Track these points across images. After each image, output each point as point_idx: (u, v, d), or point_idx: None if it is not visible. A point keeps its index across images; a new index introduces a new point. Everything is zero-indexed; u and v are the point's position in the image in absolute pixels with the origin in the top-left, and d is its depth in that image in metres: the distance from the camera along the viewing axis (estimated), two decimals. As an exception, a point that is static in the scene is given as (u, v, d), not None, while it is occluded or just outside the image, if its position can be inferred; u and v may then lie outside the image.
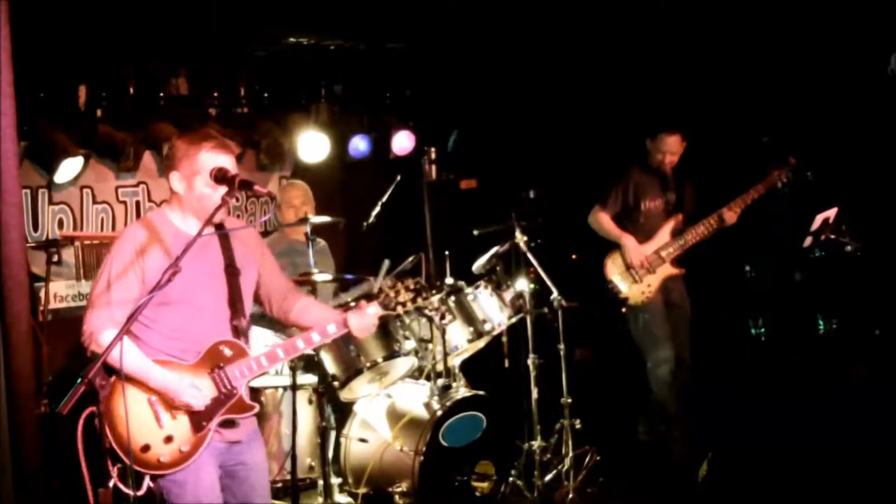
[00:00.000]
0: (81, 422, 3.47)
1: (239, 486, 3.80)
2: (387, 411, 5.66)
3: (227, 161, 3.68)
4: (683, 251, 6.37)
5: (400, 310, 4.01)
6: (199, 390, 3.61)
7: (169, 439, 3.57)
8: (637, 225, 6.40)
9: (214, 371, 3.68)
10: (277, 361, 3.92)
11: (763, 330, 7.75)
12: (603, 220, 6.44)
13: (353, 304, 4.32)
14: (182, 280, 3.46)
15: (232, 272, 3.75)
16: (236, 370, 3.71)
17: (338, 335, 3.99)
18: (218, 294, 3.73)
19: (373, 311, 3.97)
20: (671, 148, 6.33)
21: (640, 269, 6.30)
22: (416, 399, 5.62)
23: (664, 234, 6.38)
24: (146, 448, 3.53)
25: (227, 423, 3.71)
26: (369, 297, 4.05)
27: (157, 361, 3.59)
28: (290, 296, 4.07)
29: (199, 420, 3.62)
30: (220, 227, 3.75)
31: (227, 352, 3.72)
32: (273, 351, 3.85)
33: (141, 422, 3.53)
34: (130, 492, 3.44)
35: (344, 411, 5.82)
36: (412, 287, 4.01)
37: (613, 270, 6.38)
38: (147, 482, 3.53)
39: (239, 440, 3.77)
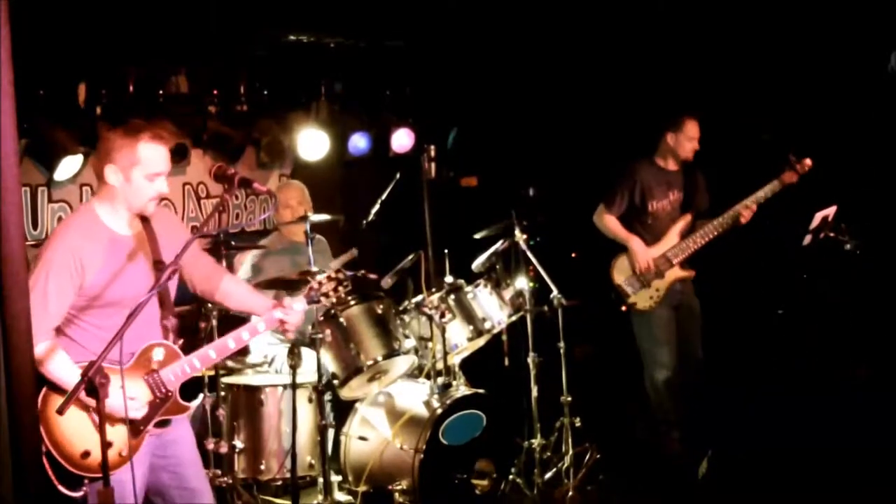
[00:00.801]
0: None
1: (173, 466, 3.89)
2: (387, 409, 5.67)
3: (163, 152, 3.71)
4: (693, 252, 6.22)
5: (325, 301, 4.12)
6: (135, 401, 3.65)
7: (108, 445, 3.55)
8: (645, 226, 6.25)
9: (148, 376, 3.71)
10: (210, 362, 3.95)
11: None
12: (609, 222, 6.28)
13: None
14: (114, 280, 3.59)
15: (160, 268, 3.73)
16: (170, 374, 3.75)
17: (267, 331, 4.08)
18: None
19: (299, 305, 4.04)
20: (698, 132, 6.18)
21: (647, 274, 6.17)
22: (416, 397, 5.63)
23: (672, 235, 6.22)
24: (86, 454, 3.58)
25: (161, 423, 3.79)
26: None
27: None
28: (213, 276, 4.11)
29: (136, 425, 3.68)
30: (145, 220, 3.78)
31: (160, 355, 3.75)
32: (205, 352, 3.88)
33: (80, 429, 3.58)
34: (70, 493, 3.56)
35: (344, 410, 5.83)
36: (333, 276, 4.10)
37: (620, 275, 6.23)
38: (84, 484, 3.60)
39: (164, 431, 3.84)
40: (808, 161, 6.11)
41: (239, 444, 5.53)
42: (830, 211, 6.41)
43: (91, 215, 3.72)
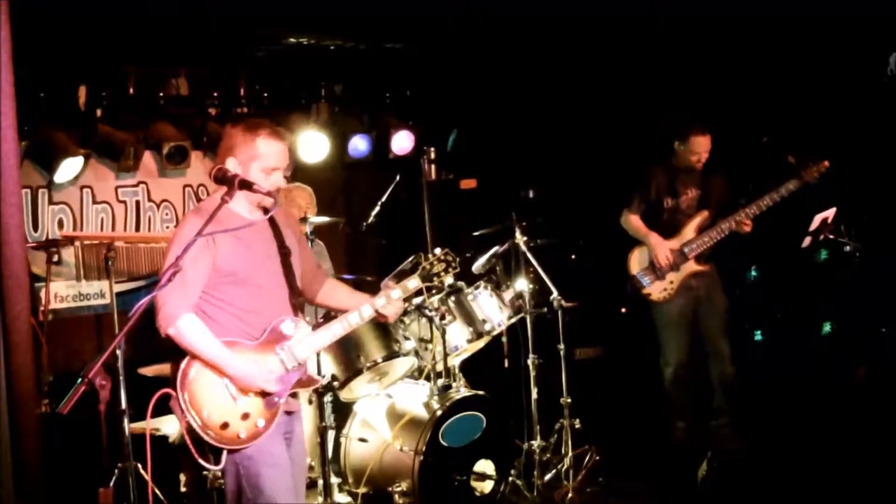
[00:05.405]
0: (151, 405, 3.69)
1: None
2: (387, 411, 5.66)
3: (281, 148, 3.96)
4: (708, 248, 6.30)
5: (436, 281, 4.32)
6: (271, 374, 3.86)
7: (245, 416, 3.81)
8: (662, 222, 6.38)
9: (280, 349, 3.91)
10: (336, 337, 4.16)
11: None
12: (632, 221, 6.44)
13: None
14: (246, 261, 3.83)
15: (284, 253, 4.02)
16: (301, 346, 3.96)
17: (372, 316, 4.22)
18: (275, 273, 3.99)
19: (413, 284, 4.26)
20: (703, 148, 6.29)
21: (664, 266, 6.27)
22: (416, 399, 5.63)
23: (689, 230, 6.32)
24: (225, 426, 3.77)
25: (290, 395, 3.98)
26: (402, 274, 4.42)
27: (226, 343, 3.80)
28: (316, 278, 4.32)
29: (271, 397, 3.86)
30: (266, 211, 3.95)
31: (290, 329, 3.94)
32: (329, 327, 4.11)
33: (219, 402, 3.79)
34: (211, 466, 3.78)
35: (344, 411, 5.82)
36: (443, 258, 4.31)
37: (636, 266, 6.37)
38: (224, 456, 3.78)
39: (293, 411, 4.04)
40: (825, 163, 6.18)
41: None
42: (830, 213, 6.43)
43: (217, 202, 3.80)
